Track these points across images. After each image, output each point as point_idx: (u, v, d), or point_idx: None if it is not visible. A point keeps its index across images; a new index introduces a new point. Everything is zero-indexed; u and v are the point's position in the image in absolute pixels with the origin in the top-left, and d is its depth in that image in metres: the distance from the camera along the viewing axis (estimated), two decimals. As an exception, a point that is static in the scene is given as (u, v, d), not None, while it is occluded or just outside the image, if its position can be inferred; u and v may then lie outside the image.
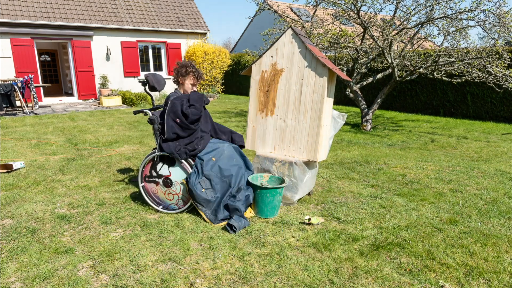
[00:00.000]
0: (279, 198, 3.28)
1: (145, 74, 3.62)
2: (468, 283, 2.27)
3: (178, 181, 3.27)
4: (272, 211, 3.26)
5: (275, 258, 2.56)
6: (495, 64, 7.40)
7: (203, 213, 3.13)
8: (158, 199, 3.42)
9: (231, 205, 3.09)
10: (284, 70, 3.61)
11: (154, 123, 3.37)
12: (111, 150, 5.95)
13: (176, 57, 15.29)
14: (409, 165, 4.97)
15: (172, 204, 3.36)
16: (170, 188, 3.32)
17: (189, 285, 2.27)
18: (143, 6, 14.93)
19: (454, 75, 9.24)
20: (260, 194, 3.22)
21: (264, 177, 3.47)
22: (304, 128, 3.54)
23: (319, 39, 8.00)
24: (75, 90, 13.59)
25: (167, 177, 3.30)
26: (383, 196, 3.77)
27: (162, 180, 3.34)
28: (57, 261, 2.54)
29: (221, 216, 3.11)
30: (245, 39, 23.95)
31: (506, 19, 6.69)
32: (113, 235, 2.92)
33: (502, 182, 4.22)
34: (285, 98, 3.64)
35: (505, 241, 2.79)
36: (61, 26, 12.62)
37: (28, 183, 4.20)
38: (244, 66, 16.91)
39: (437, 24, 7.40)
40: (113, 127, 8.31)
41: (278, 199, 3.27)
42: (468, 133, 8.33)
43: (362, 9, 7.53)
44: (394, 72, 7.98)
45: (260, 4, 8.95)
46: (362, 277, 2.34)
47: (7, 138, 6.81)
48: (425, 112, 11.48)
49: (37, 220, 3.20)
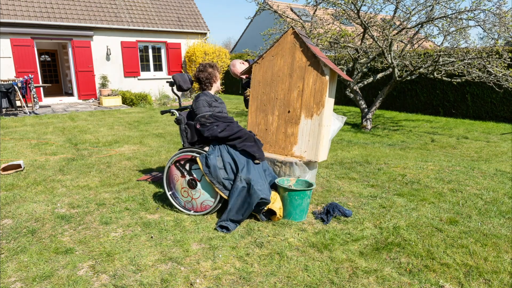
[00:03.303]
0: (308, 201, 3.19)
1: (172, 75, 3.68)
2: (468, 283, 2.27)
3: (201, 191, 3.26)
4: (301, 215, 3.18)
5: (275, 258, 2.56)
6: (495, 64, 7.40)
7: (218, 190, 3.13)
8: (174, 187, 3.44)
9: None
10: (285, 70, 3.61)
11: (180, 123, 3.40)
12: (111, 150, 5.95)
13: (176, 57, 15.29)
14: (409, 165, 4.97)
15: (181, 200, 3.38)
16: (190, 189, 3.32)
17: (189, 285, 2.27)
18: (143, 6, 14.93)
19: (454, 75, 9.24)
20: (289, 196, 3.12)
21: (291, 180, 3.39)
22: (305, 128, 3.54)
23: (319, 39, 8.00)
24: (75, 90, 13.59)
25: (196, 180, 3.30)
26: (383, 196, 3.77)
27: (190, 178, 3.34)
28: (57, 261, 2.54)
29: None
30: (245, 39, 23.96)
31: (506, 19, 6.70)
32: (113, 235, 2.92)
33: (502, 182, 4.22)
34: (286, 98, 3.64)
35: (505, 241, 2.79)
36: (61, 26, 12.62)
37: (28, 183, 4.20)
38: (244, 66, 16.88)
39: (437, 24, 7.40)
40: (113, 127, 8.31)
41: (306, 202, 3.18)
42: (468, 133, 8.33)
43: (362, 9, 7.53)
44: (394, 72, 7.98)
45: (260, 4, 8.95)
46: (362, 277, 2.34)
47: (7, 138, 6.81)
48: (425, 112, 11.48)
49: (37, 220, 3.20)
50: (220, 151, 3.20)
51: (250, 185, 3.00)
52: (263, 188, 3.04)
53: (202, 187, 3.26)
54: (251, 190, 2.99)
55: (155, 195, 3.81)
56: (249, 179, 3.03)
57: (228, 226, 2.95)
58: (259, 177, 3.09)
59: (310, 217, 3.29)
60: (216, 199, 3.21)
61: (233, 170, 3.13)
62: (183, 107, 3.74)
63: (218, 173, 3.10)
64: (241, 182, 3.03)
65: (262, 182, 3.08)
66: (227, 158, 3.16)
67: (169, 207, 3.46)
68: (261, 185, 3.05)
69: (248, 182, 3.02)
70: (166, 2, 15.75)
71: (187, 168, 3.35)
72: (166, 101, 13.54)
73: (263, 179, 3.12)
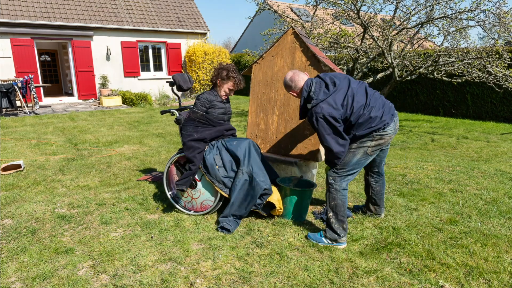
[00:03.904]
0: (308, 201, 3.18)
1: (172, 75, 3.64)
2: (468, 283, 2.27)
3: (201, 190, 3.26)
4: (301, 214, 3.17)
5: (275, 258, 2.56)
6: (495, 64, 7.40)
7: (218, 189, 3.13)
8: (174, 188, 3.46)
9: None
10: (285, 70, 3.61)
11: (180, 123, 3.39)
12: (111, 150, 5.95)
13: (176, 57, 15.29)
14: (409, 165, 4.97)
15: (181, 200, 3.39)
16: (190, 189, 3.32)
17: (189, 285, 2.27)
18: (143, 6, 14.93)
19: (454, 75, 9.24)
20: (289, 196, 3.11)
21: (293, 180, 3.38)
22: (306, 128, 3.54)
23: (319, 39, 8.00)
24: (75, 90, 13.59)
25: (196, 179, 3.30)
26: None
27: None
28: (57, 261, 2.54)
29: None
30: (245, 39, 23.95)
31: (506, 19, 6.70)
32: (113, 235, 2.92)
33: (502, 182, 4.22)
34: (286, 98, 3.64)
35: (505, 241, 2.79)
36: (61, 26, 12.61)
37: (28, 183, 4.20)
38: (244, 66, 16.92)
39: (437, 24, 7.40)
40: (113, 127, 8.31)
41: (307, 202, 3.17)
42: (468, 133, 8.33)
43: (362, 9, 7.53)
44: (394, 72, 7.98)
45: (260, 4, 8.95)
46: (362, 277, 2.34)
47: (7, 138, 6.81)
48: (425, 112, 11.49)
49: (37, 220, 3.20)
50: (218, 150, 3.20)
51: (252, 177, 3.01)
52: (265, 179, 3.06)
53: (202, 186, 3.26)
54: (253, 182, 3.00)
55: (155, 195, 3.81)
56: (250, 172, 3.04)
57: (229, 228, 2.95)
58: (259, 169, 3.10)
59: (310, 217, 3.29)
60: (216, 198, 3.21)
61: (233, 168, 3.13)
62: (183, 107, 3.74)
63: (217, 172, 3.10)
64: (243, 175, 3.04)
65: (263, 173, 3.09)
66: (226, 157, 3.15)
67: (169, 207, 3.46)
68: (263, 176, 3.06)
69: (250, 174, 3.03)
70: (166, 2, 15.75)
71: (186, 168, 3.35)
72: (166, 101, 13.54)
73: (263, 171, 3.13)
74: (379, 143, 2.67)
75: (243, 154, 3.12)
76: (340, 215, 2.72)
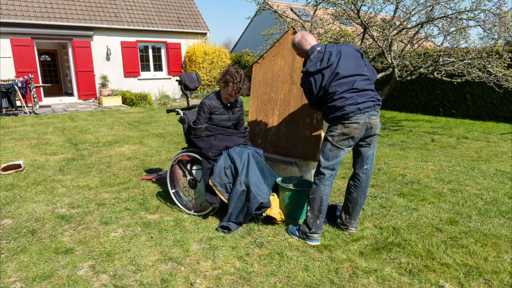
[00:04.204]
0: None
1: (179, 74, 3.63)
2: (468, 283, 2.27)
3: (201, 191, 3.27)
4: (301, 214, 3.16)
5: (275, 258, 2.56)
6: (495, 64, 7.40)
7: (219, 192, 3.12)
8: (177, 185, 3.51)
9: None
10: (285, 70, 3.61)
11: (184, 123, 3.40)
12: (111, 150, 5.95)
13: (176, 57, 15.29)
14: (409, 165, 4.96)
15: (183, 199, 3.45)
16: (191, 189, 3.35)
17: (189, 285, 2.27)
18: (143, 6, 14.93)
19: (454, 75, 9.24)
20: (290, 196, 3.10)
21: (293, 180, 3.37)
22: (306, 128, 3.54)
23: (319, 39, 8.00)
24: (75, 90, 13.59)
25: (196, 180, 3.31)
26: (383, 196, 3.77)
27: (190, 178, 3.35)
28: (57, 261, 2.54)
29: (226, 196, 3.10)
30: (245, 39, 23.94)
31: (506, 19, 6.69)
32: (113, 235, 2.92)
33: (502, 182, 4.22)
34: (286, 98, 3.64)
35: (505, 241, 2.79)
36: (61, 26, 12.61)
37: (28, 183, 4.20)
38: (244, 66, 16.91)
39: (437, 24, 7.40)
40: (113, 127, 8.31)
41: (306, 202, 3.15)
42: (468, 133, 8.33)
43: (362, 9, 7.52)
44: (394, 72, 7.98)
45: (260, 4, 8.95)
46: (362, 277, 2.34)
47: (7, 138, 6.81)
48: (425, 112, 11.48)
49: (37, 220, 3.20)
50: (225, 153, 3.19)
51: (249, 189, 2.96)
52: (262, 192, 3.00)
53: (201, 187, 3.26)
54: (250, 194, 2.95)
55: (155, 195, 3.81)
56: (248, 182, 2.99)
57: (229, 226, 2.95)
58: (258, 179, 3.05)
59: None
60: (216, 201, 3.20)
61: (233, 173, 3.12)
62: (190, 106, 3.72)
63: (222, 175, 3.07)
64: (241, 186, 3.00)
65: (261, 185, 3.04)
66: (227, 162, 3.15)
67: (169, 207, 3.47)
68: (261, 189, 3.01)
69: (247, 185, 2.99)
70: (166, 2, 15.75)
71: (188, 168, 3.36)
72: (166, 101, 13.55)
73: (262, 181, 3.07)
74: (343, 132, 2.63)
75: (242, 163, 3.07)
76: (317, 210, 2.75)
